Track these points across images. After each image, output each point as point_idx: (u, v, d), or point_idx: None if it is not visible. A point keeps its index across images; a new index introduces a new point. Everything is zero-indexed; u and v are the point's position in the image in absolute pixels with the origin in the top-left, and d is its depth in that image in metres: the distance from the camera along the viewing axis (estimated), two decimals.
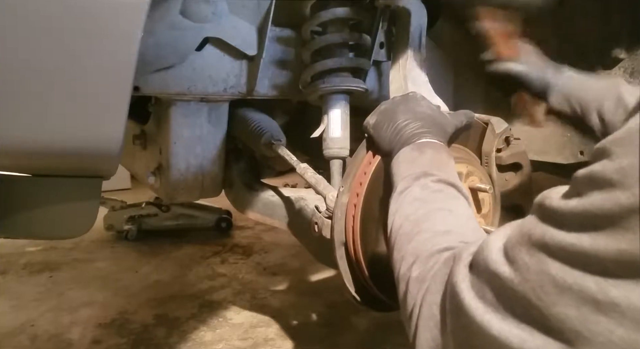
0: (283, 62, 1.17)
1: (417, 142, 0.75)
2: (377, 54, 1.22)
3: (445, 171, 0.70)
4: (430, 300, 0.50)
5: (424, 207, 0.64)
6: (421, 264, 0.55)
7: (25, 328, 1.79)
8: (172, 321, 1.85)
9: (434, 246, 0.56)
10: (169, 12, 0.98)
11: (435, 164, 0.70)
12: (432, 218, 0.62)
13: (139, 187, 3.83)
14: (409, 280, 0.55)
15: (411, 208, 0.65)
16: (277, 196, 1.31)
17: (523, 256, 0.38)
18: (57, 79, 0.63)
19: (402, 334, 1.76)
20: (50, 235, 1.10)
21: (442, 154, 0.74)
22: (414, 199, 0.66)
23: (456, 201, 0.66)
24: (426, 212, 0.63)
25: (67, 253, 2.60)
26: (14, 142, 0.65)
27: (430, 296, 0.50)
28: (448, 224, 0.60)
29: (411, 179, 0.68)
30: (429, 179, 0.67)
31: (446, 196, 0.66)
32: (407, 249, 0.59)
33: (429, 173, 0.68)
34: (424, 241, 0.58)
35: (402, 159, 0.74)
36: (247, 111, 1.35)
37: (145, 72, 1.01)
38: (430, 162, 0.71)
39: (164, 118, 1.22)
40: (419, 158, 0.72)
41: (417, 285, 0.53)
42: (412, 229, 0.61)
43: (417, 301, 0.52)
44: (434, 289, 0.50)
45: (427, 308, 0.50)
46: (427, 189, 0.66)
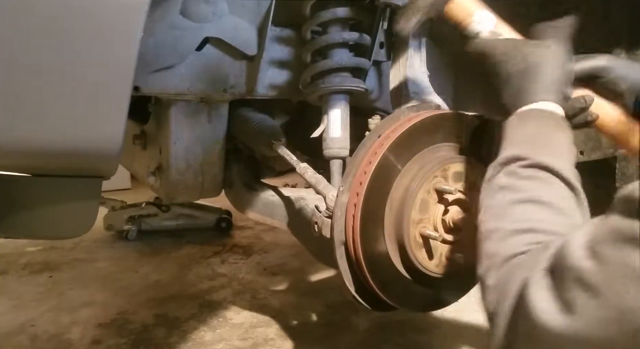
0: (283, 62, 1.17)
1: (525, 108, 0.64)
2: (377, 54, 1.22)
3: (546, 149, 0.60)
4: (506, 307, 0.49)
5: (507, 198, 0.57)
6: (495, 271, 0.53)
7: (25, 328, 1.79)
8: (172, 321, 1.85)
9: (510, 250, 0.53)
10: (169, 12, 0.98)
11: (535, 142, 0.60)
12: (514, 212, 0.56)
13: (139, 187, 3.82)
14: (485, 286, 0.54)
15: (495, 199, 0.59)
16: (277, 196, 1.31)
17: (607, 251, 0.39)
18: (57, 79, 0.63)
19: (402, 334, 1.76)
20: (50, 235, 1.10)
21: (548, 125, 0.62)
22: (499, 189, 0.59)
23: (548, 189, 0.57)
24: (509, 204, 0.57)
25: (67, 253, 2.60)
26: (14, 142, 0.65)
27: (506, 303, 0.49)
28: (531, 220, 0.54)
29: (499, 165, 0.61)
30: (518, 163, 0.59)
31: (536, 184, 0.57)
32: (484, 248, 0.57)
33: (520, 157, 0.59)
34: (499, 242, 0.55)
35: (504, 133, 0.64)
36: (247, 111, 1.35)
37: (145, 72, 1.01)
38: (528, 140, 0.61)
39: (164, 118, 1.22)
40: (515, 134, 0.62)
41: (494, 293, 0.52)
42: (491, 226, 0.57)
43: (496, 308, 0.51)
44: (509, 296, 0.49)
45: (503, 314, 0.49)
46: (514, 176, 0.59)
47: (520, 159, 0.59)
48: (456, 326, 1.81)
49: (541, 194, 0.56)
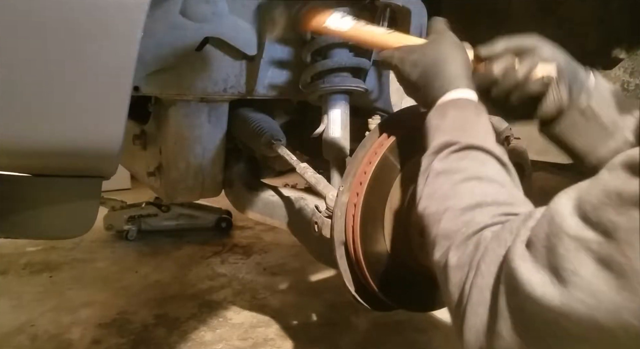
0: (283, 62, 1.17)
1: (440, 102, 0.67)
2: (377, 54, 1.22)
3: (471, 132, 0.62)
4: (480, 284, 0.46)
5: (448, 181, 0.58)
6: (457, 249, 0.51)
7: (25, 328, 1.79)
8: (172, 321, 1.85)
9: (468, 226, 0.51)
10: (169, 12, 0.98)
11: (459, 127, 0.63)
12: (459, 192, 0.56)
13: (139, 187, 3.82)
14: (447, 268, 0.51)
15: (435, 185, 0.59)
16: (277, 196, 1.31)
17: (611, 217, 0.36)
18: (57, 79, 0.63)
19: (402, 334, 1.76)
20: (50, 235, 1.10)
21: (467, 111, 0.65)
22: (436, 175, 0.60)
23: (484, 166, 0.58)
24: (451, 185, 0.57)
25: (67, 253, 2.59)
26: (14, 142, 0.65)
27: (481, 280, 0.46)
28: (477, 196, 0.54)
29: (431, 154, 0.62)
30: (450, 148, 0.60)
31: (472, 162, 0.59)
32: (437, 232, 0.55)
33: (450, 142, 0.61)
34: (453, 221, 0.53)
35: (427, 127, 0.67)
36: (247, 111, 1.35)
37: (145, 72, 1.01)
38: (452, 127, 0.63)
39: (164, 118, 1.22)
40: (439, 124, 0.65)
41: (459, 272, 0.49)
42: (438, 209, 0.56)
43: (464, 289, 0.48)
44: (485, 273, 0.46)
45: (476, 293, 0.47)
46: (448, 160, 0.60)
47: (450, 144, 0.61)
48: None
49: (479, 170, 0.57)
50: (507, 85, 0.71)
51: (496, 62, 0.71)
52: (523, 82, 0.70)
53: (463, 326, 0.48)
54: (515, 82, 0.70)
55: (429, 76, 0.69)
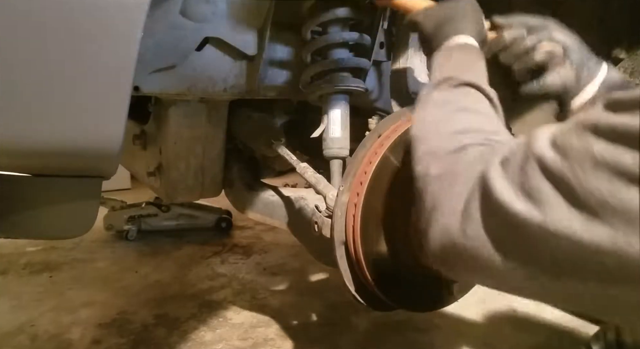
0: (283, 62, 1.17)
1: (446, 44, 0.74)
2: (377, 54, 1.22)
3: (470, 72, 0.68)
4: (453, 192, 0.50)
5: (442, 109, 0.62)
6: (440, 162, 0.54)
7: (25, 328, 1.79)
8: (172, 321, 1.85)
9: (453, 143, 0.55)
10: (169, 12, 0.98)
11: (460, 67, 0.69)
12: (451, 118, 0.60)
13: (139, 187, 3.82)
14: (426, 179, 0.55)
15: (429, 112, 0.64)
16: (277, 196, 1.31)
17: (571, 140, 0.40)
18: (57, 78, 0.63)
19: (402, 334, 1.76)
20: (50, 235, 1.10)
21: (470, 54, 0.72)
22: (433, 103, 0.65)
23: (478, 103, 0.64)
24: (445, 113, 0.61)
25: (67, 253, 2.60)
26: (14, 142, 0.65)
27: (455, 188, 0.50)
28: (466, 123, 0.58)
29: (432, 87, 0.67)
30: (449, 82, 0.65)
31: (467, 97, 0.64)
32: (425, 150, 0.58)
33: (450, 77, 0.66)
34: (440, 140, 0.57)
35: (435, 63, 0.73)
36: (247, 111, 1.35)
37: (145, 72, 1.01)
38: (455, 66, 0.69)
39: (164, 118, 1.22)
40: (444, 62, 0.71)
41: (439, 183, 0.53)
42: (428, 130, 0.61)
43: (439, 197, 0.51)
44: (460, 183, 0.49)
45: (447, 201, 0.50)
46: (446, 92, 0.65)
47: (451, 78, 0.66)
48: (456, 325, 1.81)
49: (472, 104, 0.63)
50: (515, 52, 0.77)
51: (508, 30, 0.78)
52: (529, 51, 0.77)
53: (430, 229, 0.51)
54: (522, 49, 0.77)
55: (442, 24, 0.76)
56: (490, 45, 0.78)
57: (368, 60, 1.15)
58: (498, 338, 1.74)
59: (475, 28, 0.76)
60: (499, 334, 1.76)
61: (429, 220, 0.52)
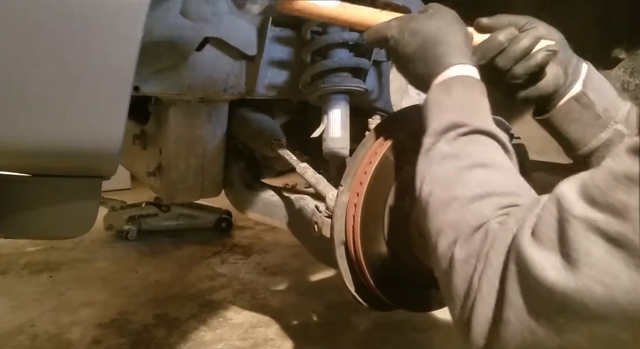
0: (283, 62, 1.18)
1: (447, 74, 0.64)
2: (377, 54, 1.22)
3: (478, 114, 0.61)
4: (490, 274, 0.46)
5: (455, 166, 0.56)
6: (465, 242, 0.50)
7: (25, 328, 1.79)
8: (172, 321, 1.85)
9: (475, 217, 0.50)
10: (169, 12, 0.98)
11: (466, 109, 0.61)
12: (467, 179, 0.54)
13: (139, 187, 3.82)
14: (452, 261, 0.50)
15: (440, 169, 0.58)
16: (277, 196, 1.31)
17: (620, 197, 0.36)
18: (57, 79, 0.63)
19: (402, 334, 1.75)
20: (50, 235, 1.10)
21: (473, 90, 0.63)
22: (442, 158, 0.58)
23: (492, 153, 0.58)
24: (458, 172, 0.56)
25: (67, 253, 2.59)
26: (14, 142, 0.65)
27: (490, 270, 0.46)
28: (486, 184, 0.53)
29: (437, 134, 0.60)
30: (457, 130, 0.59)
31: (480, 149, 0.58)
32: (443, 221, 0.53)
33: (457, 123, 0.59)
34: (461, 211, 0.52)
35: (429, 102, 0.64)
36: (247, 111, 1.35)
37: (145, 72, 1.01)
38: (460, 107, 0.61)
39: (164, 118, 1.22)
40: (446, 101, 0.62)
41: (466, 265, 0.48)
42: (445, 196, 0.55)
43: (472, 281, 0.47)
44: (494, 262, 0.46)
45: (486, 283, 0.46)
46: (456, 144, 0.58)
47: (458, 125, 0.59)
48: None
49: (486, 157, 0.56)
50: (513, 54, 0.69)
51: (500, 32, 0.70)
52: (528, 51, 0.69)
53: (471, 318, 0.47)
54: (521, 50, 0.69)
55: (429, 46, 0.66)
56: (484, 50, 0.70)
57: (368, 60, 1.15)
58: None
59: (469, 50, 0.68)
60: None
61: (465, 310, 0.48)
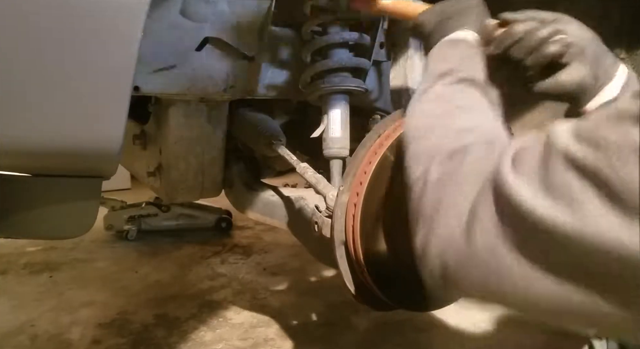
0: (283, 62, 1.18)
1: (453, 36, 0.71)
2: (377, 54, 1.22)
3: (470, 67, 0.65)
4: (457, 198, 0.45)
5: (441, 106, 0.59)
6: (441, 164, 0.49)
7: (25, 328, 1.79)
8: (172, 321, 1.85)
9: (455, 143, 0.50)
10: (169, 12, 0.98)
11: (459, 61, 0.66)
12: (450, 116, 0.56)
13: (139, 187, 3.82)
14: (425, 184, 0.50)
15: (429, 106, 0.60)
16: (277, 196, 1.31)
17: (603, 132, 0.36)
18: (57, 79, 0.63)
19: (402, 334, 1.75)
20: (50, 235, 1.10)
21: (469, 49, 0.69)
22: (434, 98, 0.61)
23: (478, 100, 0.60)
24: (443, 110, 0.58)
25: (67, 253, 2.59)
26: (14, 142, 0.65)
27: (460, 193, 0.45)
28: (468, 121, 0.55)
29: (434, 77, 0.64)
30: (448, 77, 0.63)
31: (466, 94, 0.61)
32: (421, 149, 0.54)
33: (449, 72, 0.63)
34: (440, 139, 0.53)
35: (434, 55, 0.71)
36: (247, 111, 1.35)
37: (145, 72, 1.01)
38: (454, 60, 0.66)
39: (164, 118, 1.22)
40: (443, 58, 0.68)
41: (440, 188, 0.48)
42: (426, 129, 0.56)
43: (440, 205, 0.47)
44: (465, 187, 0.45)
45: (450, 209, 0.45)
46: (445, 88, 0.62)
47: (448, 73, 0.63)
48: (456, 326, 1.81)
49: (472, 101, 0.59)
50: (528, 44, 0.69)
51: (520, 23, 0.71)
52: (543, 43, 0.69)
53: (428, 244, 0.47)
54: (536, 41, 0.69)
55: (444, 21, 0.73)
56: (500, 39, 0.72)
57: (368, 60, 1.15)
58: (498, 338, 1.74)
59: (479, 24, 0.73)
60: (499, 335, 1.76)
61: (427, 234, 0.48)
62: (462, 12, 0.74)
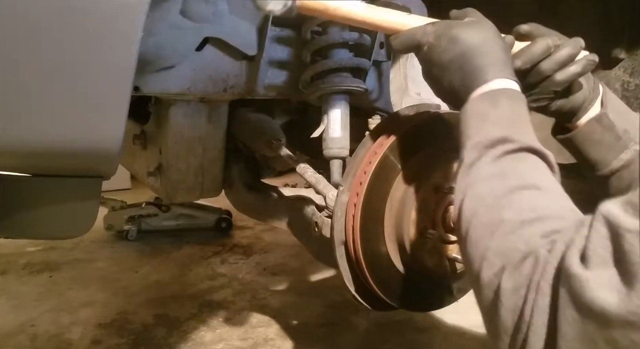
0: (283, 62, 1.17)
1: (489, 86, 0.60)
2: (377, 54, 1.22)
3: (525, 132, 0.57)
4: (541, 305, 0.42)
5: (503, 186, 0.52)
6: (514, 271, 0.46)
7: (25, 328, 1.79)
8: (172, 321, 1.85)
9: (525, 243, 0.46)
10: (169, 12, 0.98)
11: (513, 123, 0.57)
12: (515, 201, 0.50)
13: (139, 187, 3.82)
14: (499, 291, 0.46)
15: (486, 188, 0.53)
16: (277, 196, 1.31)
17: None
18: (57, 78, 0.63)
19: (402, 334, 1.76)
20: (50, 235, 1.10)
21: (520, 106, 0.59)
22: (489, 176, 0.54)
23: (541, 173, 0.54)
24: (507, 192, 0.51)
25: (67, 253, 2.60)
26: (14, 142, 0.65)
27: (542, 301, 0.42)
28: (537, 207, 0.49)
29: (483, 148, 0.56)
30: (505, 147, 0.54)
31: (529, 168, 0.54)
32: (488, 247, 0.49)
33: (505, 139, 0.55)
34: (509, 236, 0.48)
35: (470, 113, 0.60)
36: (247, 111, 1.35)
37: (145, 72, 1.01)
38: (508, 121, 0.57)
39: (164, 118, 1.22)
40: (491, 113, 0.58)
41: (516, 297, 0.45)
42: (492, 219, 0.50)
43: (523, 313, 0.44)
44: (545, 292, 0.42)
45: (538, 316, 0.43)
46: (504, 161, 0.54)
47: (506, 141, 0.55)
48: (456, 326, 1.81)
49: (537, 178, 0.53)
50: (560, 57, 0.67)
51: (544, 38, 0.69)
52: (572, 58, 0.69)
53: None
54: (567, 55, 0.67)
55: (470, 56, 0.62)
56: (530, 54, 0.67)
57: (368, 60, 1.15)
58: None
59: (511, 65, 0.64)
60: None
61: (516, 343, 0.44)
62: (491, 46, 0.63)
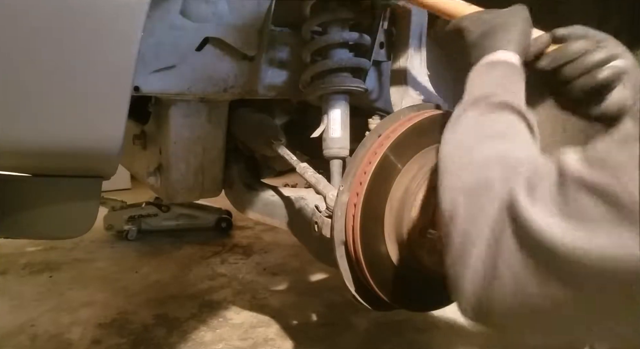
0: (283, 62, 1.17)
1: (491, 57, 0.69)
2: (377, 54, 1.22)
3: (511, 92, 0.64)
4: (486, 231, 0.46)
5: (474, 135, 0.59)
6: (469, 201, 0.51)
7: (25, 328, 1.79)
8: (172, 321, 1.85)
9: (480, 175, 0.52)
10: (169, 12, 0.98)
11: (499, 85, 0.64)
12: (485, 145, 0.56)
13: (139, 187, 3.82)
14: (454, 218, 0.51)
15: (464, 135, 0.60)
16: (277, 196, 1.31)
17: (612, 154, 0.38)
18: (57, 79, 0.63)
19: (402, 334, 1.75)
20: (50, 235, 1.10)
21: (513, 74, 0.67)
22: (467, 125, 0.61)
23: (516, 128, 0.59)
24: (475, 139, 0.58)
25: (67, 253, 2.60)
26: (14, 142, 0.65)
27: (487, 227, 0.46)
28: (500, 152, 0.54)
29: (468, 103, 0.63)
30: (486, 101, 0.61)
31: (502, 120, 0.60)
32: (452, 182, 0.55)
33: (489, 94, 0.62)
34: (471, 172, 0.53)
35: (471, 79, 0.69)
36: (247, 111, 1.35)
37: (145, 72, 1.01)
38: (497, 84, 0.65)
39: (164, 118, 1.22)
40: (484, 77, 0.67)
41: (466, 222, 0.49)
42: (460, 159, 0.57)
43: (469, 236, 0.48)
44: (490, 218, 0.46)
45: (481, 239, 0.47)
46: (483, 114, 0.61)
47: (487, 97, 0.61)
48: (456, 326, 1.81)
49: (507, 128, 0.58)
50: (583, 64, 0.69)
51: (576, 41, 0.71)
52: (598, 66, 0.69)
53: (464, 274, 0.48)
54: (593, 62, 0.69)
55: (488, 34, 0.71)
56: (556, 56, 0.71)
57: (368, 60, 1.15)
58: (498, 338, 1.74)
59: (522, 43, 0.71)
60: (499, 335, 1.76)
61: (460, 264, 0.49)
62: (507, 28, 0.71)
